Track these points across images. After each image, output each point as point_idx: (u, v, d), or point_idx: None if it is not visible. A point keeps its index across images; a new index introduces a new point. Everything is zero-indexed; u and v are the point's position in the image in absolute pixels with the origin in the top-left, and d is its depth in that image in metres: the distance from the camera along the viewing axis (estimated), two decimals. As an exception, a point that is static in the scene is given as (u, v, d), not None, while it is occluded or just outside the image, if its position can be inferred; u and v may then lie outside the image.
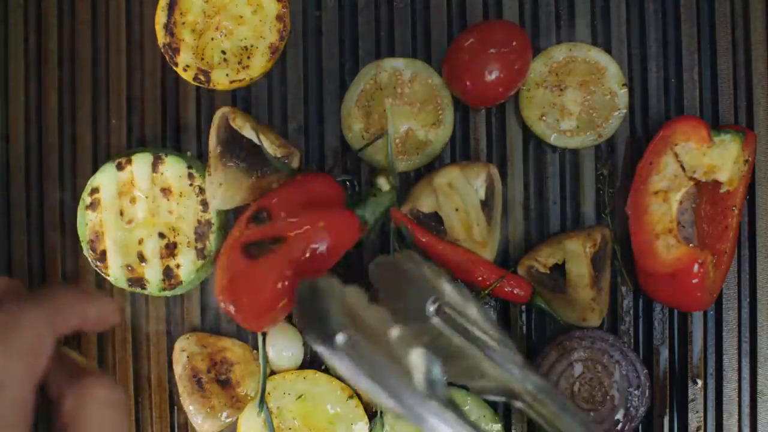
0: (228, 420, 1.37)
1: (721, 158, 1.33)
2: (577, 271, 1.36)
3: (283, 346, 1.40)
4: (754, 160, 1.39)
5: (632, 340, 1.43)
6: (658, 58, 1.43)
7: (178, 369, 1.39)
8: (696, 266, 1.30)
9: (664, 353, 1.43)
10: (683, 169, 1.34)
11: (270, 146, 1.35)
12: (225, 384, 1.39)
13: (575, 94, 1.40)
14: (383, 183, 1.34)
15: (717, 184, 1.35)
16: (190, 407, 1.37)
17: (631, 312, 1.43)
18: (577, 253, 1.36)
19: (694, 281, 1.31)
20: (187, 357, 1.39)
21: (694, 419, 1.43)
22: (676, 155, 1.34)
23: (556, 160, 1.44)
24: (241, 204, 1.37)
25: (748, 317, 1.42)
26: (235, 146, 1.37)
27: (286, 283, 1.22)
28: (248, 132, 1.36)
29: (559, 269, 1.40)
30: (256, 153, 1.37)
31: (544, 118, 1.40)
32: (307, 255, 1.23)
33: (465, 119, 1.44)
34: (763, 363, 1.41)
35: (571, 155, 1.44)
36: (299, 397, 1.37)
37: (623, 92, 1.40)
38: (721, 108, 1.42)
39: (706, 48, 1.43)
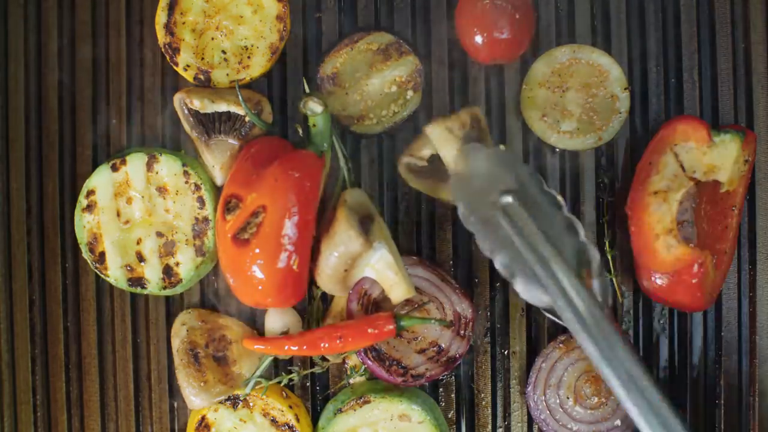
0: (219, 397, 1.37)
1: (721, 158, 1.33)
2: (449, 155, 1.35)
3: (281, 325, 1.40)
4: (754, 159, 1.39)
5: (632, 340, 1.43)
6: (658, 58, 1.43)
7: (176, 342, 1.39)
8: (696, 266, 1.30)
9: (664, 353, 1.43)
10: (683, 169, 1.34)
11: (237, 106, 1.37)
12: (221, 361, 1.39)
13: (577, 95, 1.40)
14: (315, 106, 1.34)
15: (717, 184, 1.35)
16: (184, 380, 1.37)
17: (631, 312, 1.43)
18: (443, 137, 1.34)
19: (694, 281, 1.31)
20: (187, 331, 1.39)
21: (693, 419, 1.42)
22: (676, 155, 1.34)
23: (557, 160, 1.44)
24: None
25: (748, 317, 1.42)
26: (209, 123, 1.38)
27: (286, 255, 1.27)
28: (210, 107, 1.37)
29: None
30: (229, 118, 1.38)
31: (545, 118, 1.40)
32: (292, 207, 1.26)
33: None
34: (763, 363, 1.41)
35: (571, 155, 1.44)
36: None
37: (625, 95, 1.40)
38: (721, 108, 1.42)
39: (706, 48, 1.43)
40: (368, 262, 1.32)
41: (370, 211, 1.36)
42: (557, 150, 1.43)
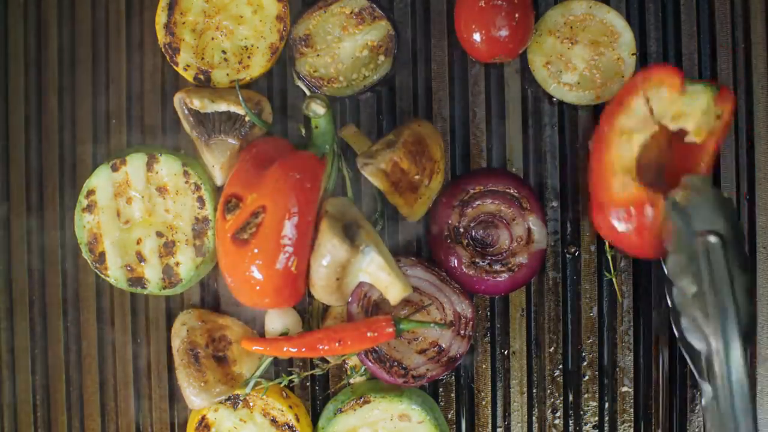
0: (219, 397, 1.37)
1: (691, 107, 1.30)
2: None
3: (281, 326, 1.40)
4: (730, 119, 1.35)
5: (632, 340, 1.43)
6: (659, 58, 1.43)
7: (176, 342, 1.39)
8: (648, 208, 1.29)
9: (665, 353, 1.43)
10: (652, 113, 1.32)
11: (237, 105, 1.37)
12: (221, 361, 1.39)
13: (584, 50, 1.41)
14: (317, 108, 1.34)
15: (684, 133, 1.33)
16: (184, 381, 1.37)
17: (631, 312, 1.43)
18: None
19: (645, 222, 1.29)
20: (187, 331, 1.39)
21: (694, 420, 1.42)
22: (647, 99, 1.33)
23: (557, 161, 1.44)
24: None
25: (748, 317, 1.42)
26: (209, 123, 1.38)
27: (285, 256, 1.27)
28: (210, 107, 1.37)
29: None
30: (229, 118, 1.38)
31: (548, 66, 1.40)
32: (292, 208, 1.27)
33: (466, 124, 1.44)
34: (763, 363, 1.41)
35: (571, 154, 1.44)
36: None
37: (631, 61, 1.40)
38: (721, 108, 1.42)
39: (706, 48, 1.43)
40: (360, 268, 1.32)
41: (355, 217, 1.36)
42: (555, 100, 1.43)
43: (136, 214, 1.39)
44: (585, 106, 1.43)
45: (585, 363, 1.43)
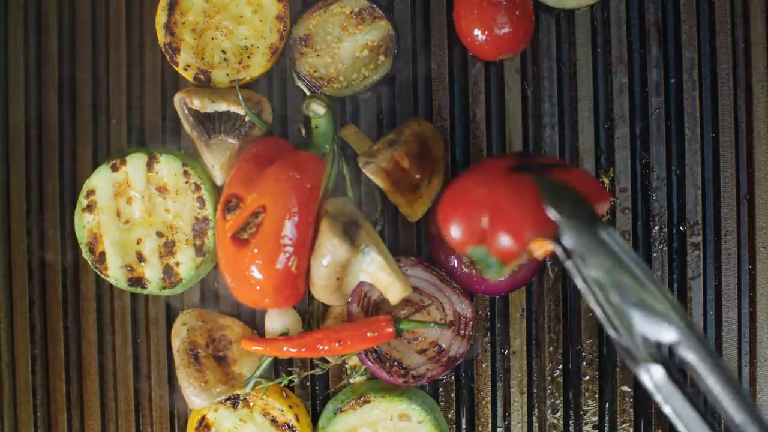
0: (220, 397, 1.37)
1: None
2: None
3: (281, 326, 1.40)
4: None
5: (632, 340, 1.43)
6: (659, 58, 1.43)
7: (176, 342, 1.39)
8: None
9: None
10: None
11: (237, 105, 1.37)
12: (221, 360, 1.39)
13: None
14: (318, 108, 1.34)
15: None
16: (184, 381, 1.37)
17: (631, 312, 1.43)
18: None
19: None
20: (187, 331, 1.39)
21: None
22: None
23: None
24: None
25: (748, 318, 1.42)
26: (209, 123, 1.38)
27: (285, 256, 1.27)
28: (210, 107, 1.37)
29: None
30: (229, 118, 1.39)
31: None
32: (293, 208, 1.27)
33: (466, 124, 1.44)
34: (763, 363, 1.41)
35: (571, 154, 1.44)
36: None
37: None
38: (721, 108, 1.42)
39: (706, 48, 1.43)
40: (360, 268, 1.32)
41: (355, 217, 1.36)
42: (560, 12, 1.42)
43: (136, 214, 1.39)
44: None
45: (585, 363, 1.44)
